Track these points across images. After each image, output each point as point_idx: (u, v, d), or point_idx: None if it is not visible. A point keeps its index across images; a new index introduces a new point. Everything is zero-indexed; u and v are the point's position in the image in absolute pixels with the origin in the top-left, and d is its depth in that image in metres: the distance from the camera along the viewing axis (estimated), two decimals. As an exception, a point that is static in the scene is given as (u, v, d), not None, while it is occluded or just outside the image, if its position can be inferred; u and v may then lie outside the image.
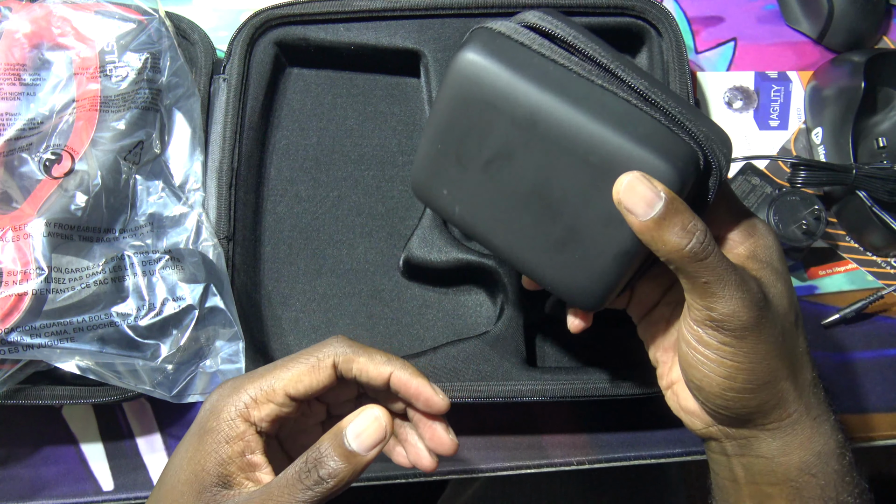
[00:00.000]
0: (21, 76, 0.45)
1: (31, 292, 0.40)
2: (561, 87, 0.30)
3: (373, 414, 0.31)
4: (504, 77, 0.30)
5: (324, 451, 0.30)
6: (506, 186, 0.32)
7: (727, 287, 0.30)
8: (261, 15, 0.50)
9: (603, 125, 0.29)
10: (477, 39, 0.31)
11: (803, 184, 0.50)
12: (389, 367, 0.33)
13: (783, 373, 0.32)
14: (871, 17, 0.56)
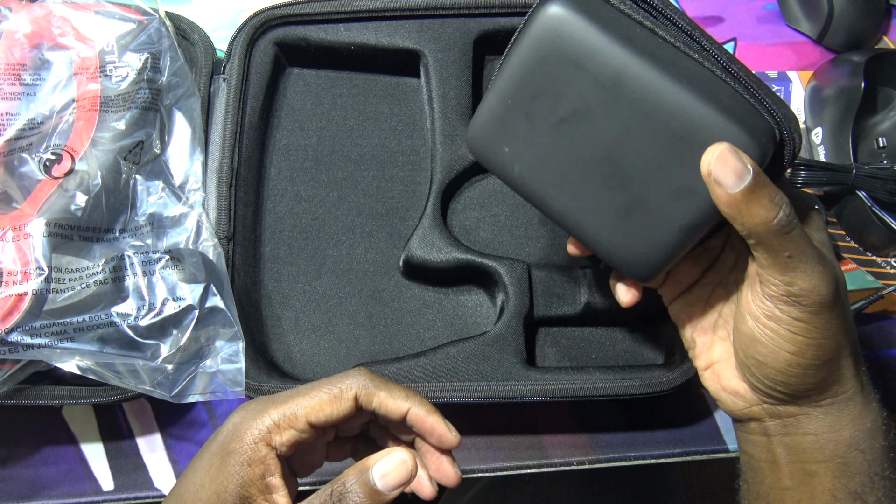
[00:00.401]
0: (21, 76, 0.45)
1: (31, 292, 0.40)
2: (648, 49, 0.29)
3: (400, 457, 0.32)
4: (592, 34, 0.29)
5: (349, 486, 0.31)
6: (576, 148, 0.32)
7: (809, 262, 0.30)
8: (261, 15, 0.50)
9: (689, 92, 0.29)
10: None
11: (803, 184, 0.50)
12: (408, 403, 0.35)
13: (847, 350, 0.33)
14: (871, 17, 0.56)
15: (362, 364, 0.46)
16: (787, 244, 0.30)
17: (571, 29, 0.29)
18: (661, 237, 0.32)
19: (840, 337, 0.32)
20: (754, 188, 0.29)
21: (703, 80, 0.29)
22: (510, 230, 0.51)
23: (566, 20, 0.29)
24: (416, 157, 0.52)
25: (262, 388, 0.44)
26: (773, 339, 0.32)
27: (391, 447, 0.33)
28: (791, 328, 0.32)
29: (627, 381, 0.45)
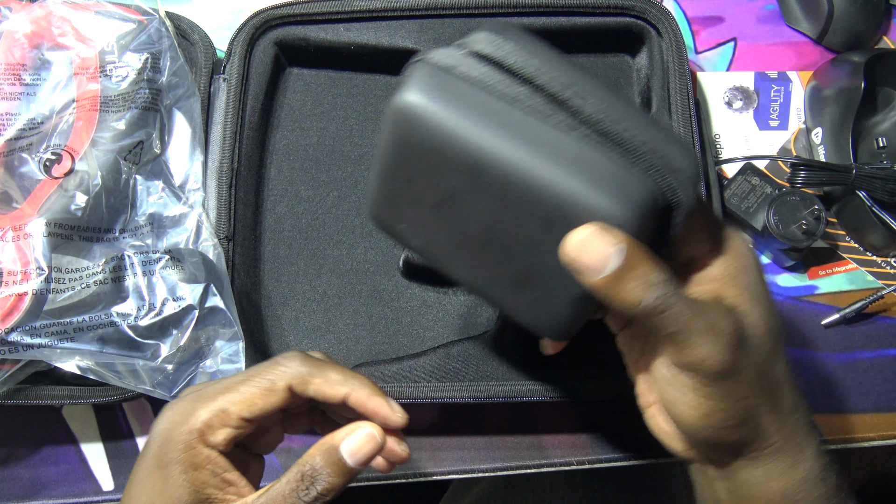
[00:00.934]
0: (21, 76, 0.45)
1: (31, 292, 0.40)
2: (506, 130, 0.27)
3: (367, 432, 0.32)
4: (444, 122, 0.27)
5: (319, 467, 0.31)
6: (460, 227, 0.30)
7: (695, 335, 0.28)
8: (261, 15, 0.50)
9: (551, 170, 0.26)
10: (417, 77, 0.28)
11: (803, 184, 0.50)
12: (346, 388, 0.33)
13: (762, 408, 0.31)
14: (871, 17, 0.56)
15: (362, 364, 0.46)
16: (665, 322, 0.27)
17: (422, 119, 0.27)
18: (558, 307, 0.30)
19: (750, 399, 0.30)
20: (621, 274, 0.26)
21: (568, 151, 0.27)
22: (510, 230, 0.51)
23: (417, 109, 0.27)
24: (416, 157, 0.52)
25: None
26: (680, 400, 0.30)
27: (353, 423, 0.32)
28: (695, 393, 0.30)
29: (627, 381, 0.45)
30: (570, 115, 0.27)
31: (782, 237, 0.49)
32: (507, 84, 0.28)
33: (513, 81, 0.28)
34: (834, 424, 0.50)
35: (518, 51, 0.28)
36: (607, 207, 0.26)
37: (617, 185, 0.26)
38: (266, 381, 0.32)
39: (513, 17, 0.51)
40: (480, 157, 0.27)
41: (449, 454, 0.49)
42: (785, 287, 0.53)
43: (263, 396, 0.32)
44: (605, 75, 0.54)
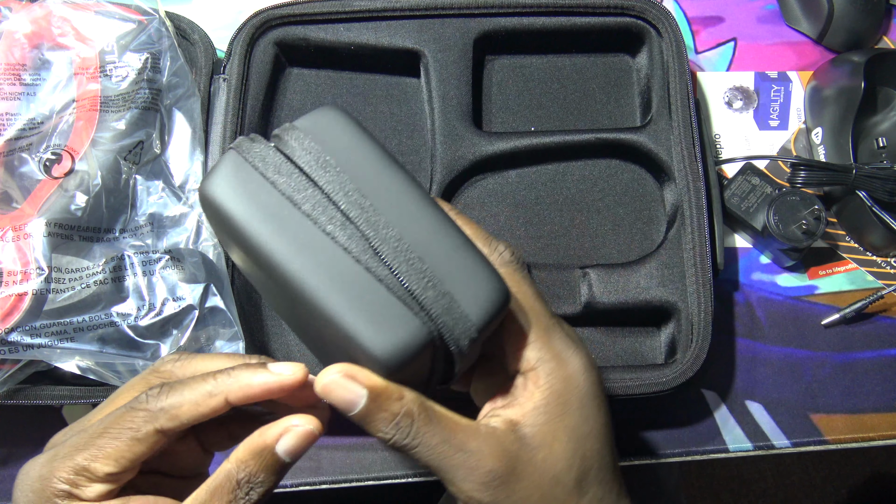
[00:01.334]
0: (21, 76, 0.45)
1: (31, 292, 0.40)
2: (293, 242, 0.26)
3: (304, 430, 0.28)
4: (238, 218, 0.27)
5: (254, 472, 0.28)
6: (274, 290, 0.31)
7: (452, 470, 0.28)
8: (261, 15, 0.50)
9: (322, 289, 0.26)
10: (223, 167, 0.27)
11: (803, 184, 0.50)
12: (218, 396, 0.28)
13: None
14: (871, 17, 0.56)
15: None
16: (419, 456, 0.28)
17: (221, 210, 0.27)
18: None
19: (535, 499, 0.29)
20: (367, 413, 0.27)
21: (348, 277, 0.26)
22: (510, 230, 0.51)
23: (216, 200, 0.27)
24: (416, 157, 0.52)
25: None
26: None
27: (284, 418, 0.28)
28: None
29: (627, 381, 0.45)
30: (361, 239, 0.27)
31: (782, 237, 0.49)
32: (305, 195, 0.27)
33: (312, 193, 0.27)
34: (834, 424, 0.50)
35: (322, 161, 0.28)
36: (370, 345, 0.26)
37: (385, 324, 0.26)
38: (126, 431, 0.28)
39: (513, 18, 0.51)
40: (267, 259, 0.27)
41: (449, 454, 0.49)
42: (785, 287, 0.53)
43: (129, 448, 0.28)
44: (605, 75, 0.54)
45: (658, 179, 0.52)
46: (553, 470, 0.29)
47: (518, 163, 0.52)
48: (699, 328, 0.46)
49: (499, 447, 0.28)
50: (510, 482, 0.28)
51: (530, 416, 0.29)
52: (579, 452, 0.30)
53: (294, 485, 0.48)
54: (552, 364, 0.30)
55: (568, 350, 0.30)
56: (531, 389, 0.30)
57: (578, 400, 0.30)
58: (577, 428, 0.30)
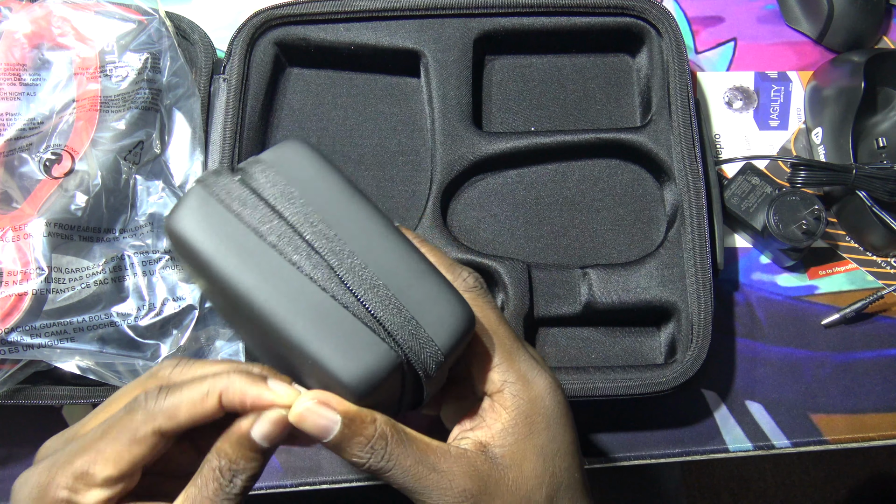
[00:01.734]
0: (21, 76, 0.45)
1: (31, 292, 0.40)
2: (258, 273, 0.27)
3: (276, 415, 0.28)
4: (204, 251, 0.27)
5: (234, 458, 0.28)
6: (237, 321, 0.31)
7: (424, 492, 0.29)
8: (261, 15, 0.50)
9: (289, 317, 0.27)
10: (189, 201, 0.28)
11: (803, 184, 0.50)
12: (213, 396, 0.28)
13: None
14: (871, 17, 0.56)
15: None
16: (393, 480, 0.29)
17: (187, 243, 0.27)
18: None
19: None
20: (342, 440, 0.28)
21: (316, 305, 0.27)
22: (510, 230, 0.51)
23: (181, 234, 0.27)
24: (416, 157, 0.52)
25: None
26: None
27: None
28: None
29: (627, 381, 0.45)
30: (326, 268, 0.27)
31: (782, 237, 0.49)
32: (270, 227, 0.27)
33: (277, 224, 0.27)
34: (834, 424, 0.50)
35: (287, 193, 0.28)
36: (338, 371, 0.26)
37: (353, 350, 0.27)
38: (125, 432, 0.28)
39: (513, 18, 0.51)
40: (233, 290, 0.27)
41: (449, 454, 0.49)
42: (785, 287, 0.53)
43: (128, 450, 0.28)
44: (605, 75, 0.54)
45: (658, 179, 0.52)
46: (524, 489, 0.30)
47: (518, 163, 0.52)
48: (699, 328, 0.46)
49: (470, 467, 0.29)
50: (483, 501, 0.29)
51: (499, 437, 0.30)
52: (549, 470, 0.30)
53: (294, 485, 0.48)
54: (517, 385, 0.31)
55: (532, 371, 0.31)
56: (498, 411, 0.31)
57: (545, 419, 0.31)
58: (545, 447, 0.30)
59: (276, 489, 0.48)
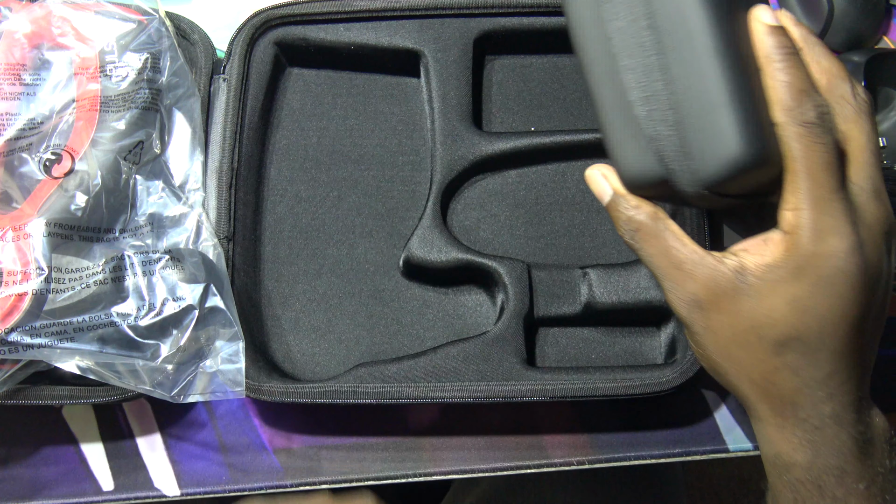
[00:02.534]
0: (21, 76, 0.45)
1: (31, 292, 0.40)
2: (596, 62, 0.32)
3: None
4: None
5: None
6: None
7: (661, 280, 0.33)
8: (261, 15, 0.50)
9: (604, 110, 0.32)
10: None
11: (803, 184, 0.50)
12: None
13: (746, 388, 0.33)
14: (871, 17, 0.56)
15: (362, 364, 0.46)
16: (641, 255, 0.33)
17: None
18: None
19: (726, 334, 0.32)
20: (609, 208, 0.34)
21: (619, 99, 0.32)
22: (510, 230, 0.51)
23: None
24: (416, 157, 0.52)
25: (261, 388, 0.44)
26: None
27: None
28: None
29: (627, 381, 0.45)
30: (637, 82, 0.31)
31: (782, 237, 0.49)
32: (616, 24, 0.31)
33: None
34: (834, 424, 0.50)
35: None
36: (618, 161, 0.33)
37: (629, 152, 0.32)
38: None
39: (513, 18, 0.51)
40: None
41: (449, 454, 0.49)
42: (785, 287, 0.53)
43: None
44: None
45: (658, 179, 0.52)
46: (754, 319, 0.31)
47: (518, 163, 0.52)
48: (699, 328, 0.46)
49: (711, 278, 0.31)
50: (708, 309, 0.32)
51: (761, 269, 0.31)
52: (791, 320, 0.30)
53: (294, 485, 0.48)
54: (808, 235, 0.30)
55: (834, 228, 0.30)
56: (778, 247, 0.31)
57: (818, 277, 0.30)
58: (802, 300, 0.30)
59: (276, 489, 0.48)
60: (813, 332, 0.31)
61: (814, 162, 0.29)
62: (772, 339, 0.31)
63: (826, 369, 0.31)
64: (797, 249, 0.30)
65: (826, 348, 0.31)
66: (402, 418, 0.49)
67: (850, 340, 0.31)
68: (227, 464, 0.49)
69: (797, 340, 0.31)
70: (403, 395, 0.44)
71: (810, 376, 0.31)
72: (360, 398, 0.44)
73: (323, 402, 0.45)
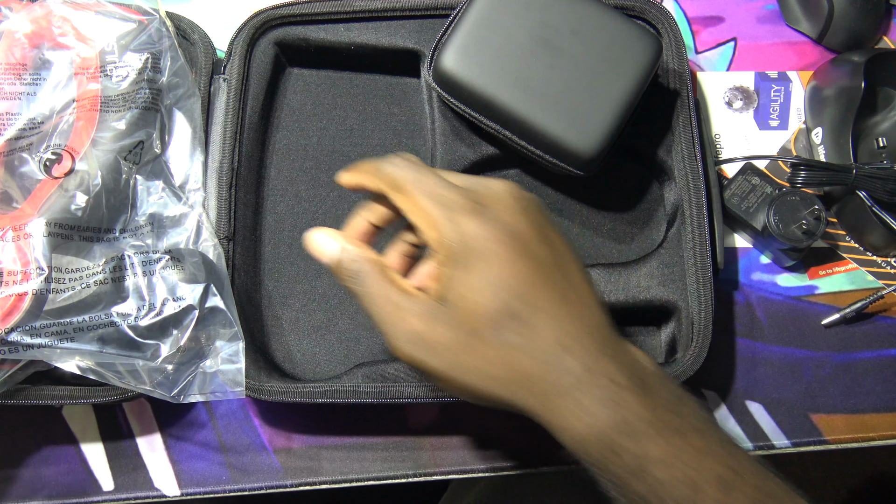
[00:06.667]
0: (22, 76, 0.45)
1: (31, 292, 0.40)
2: None
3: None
4: None
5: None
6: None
7: (382, 323, 0.33)
8: (261, 15, 0.50)
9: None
10: None
11: (803, 184, 0.50)
12: None
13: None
14: (871, 17, 0.56)
15: (362, 364, 0.46)
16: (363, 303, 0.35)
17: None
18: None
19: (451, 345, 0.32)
20: (334, 263, 0.35)
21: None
22: (510, 230, 0.51)
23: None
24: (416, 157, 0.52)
25: (262, 387, 0.44)
26: None
27: None
28: None
29: (627, 380, 0.45)
30: None
31: (782, 237, 0.49)
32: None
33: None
34: (834, 424, 0.50)
35: None
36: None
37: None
38: None
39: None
40: None
41: (449, 454, 0.49)
42: (785, 287, 0.53)
43: None
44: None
45: (658, 179, 0.52)
46: (467, 324, 0.32)
47: (518, 163, 0.52)
48: (699, 328, 0.46)
49: (420, 308, 0.32)
50: (427, 337, 0.32)
51: (439, 280, 0.33)
52: (487, 303, 0.31)
53: (294, 485, 0.48)
54: (448, 230, 0.32)
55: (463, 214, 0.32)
56: (436, 255, 0.33)
57: (476, 258, 0.32)
58: (480, 282, 0.32)
59: (276, 489, 0.48)
60: (511, 302, 0.32)
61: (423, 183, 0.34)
62: (485, 329, 0.31)
63: (547, 329, 0.32)
64: (448, 246, 0.32)
65: (529, 307, 0.32)
66: (402, 418, 0.49)
67: (546, 294, 0.32)
68: (227, 464, 0.49)
69: (503, 315, 0.32)
70: (403, 395, 0.44)
71: (541, 341, 0.31)
72: (360, 398, 0.44)
73: (323, 402, 0.45)
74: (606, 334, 0.33)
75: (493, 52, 0.45)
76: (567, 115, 0.45)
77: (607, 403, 0.30)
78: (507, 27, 0.45)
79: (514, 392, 0.32)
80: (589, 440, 0.30)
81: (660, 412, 0.30)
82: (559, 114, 0.45)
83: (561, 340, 0.31)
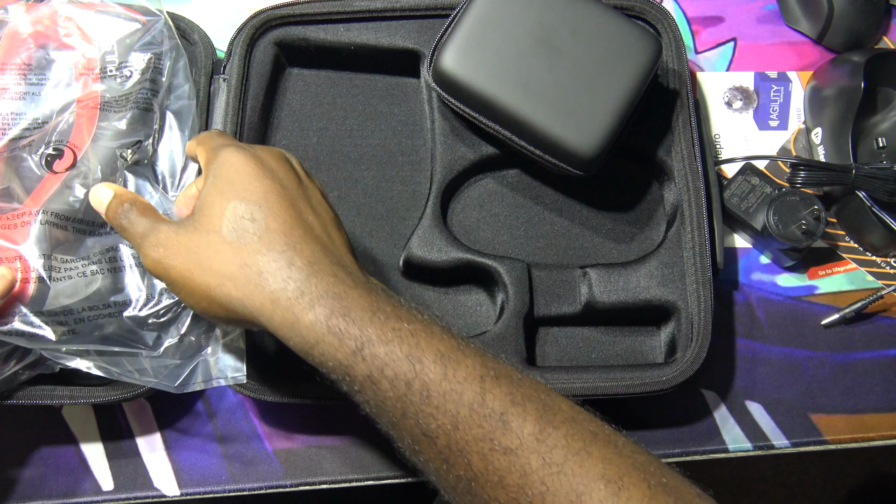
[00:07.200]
0: (27, 76, 0.45)
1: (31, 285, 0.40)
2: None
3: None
4: None
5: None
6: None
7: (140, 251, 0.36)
8: (261, 15, 0.50)
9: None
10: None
11: (803, 184, 0.50)
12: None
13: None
14: (871, 17, 0.56)
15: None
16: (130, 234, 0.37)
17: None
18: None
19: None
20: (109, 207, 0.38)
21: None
22: (510, 230, 0.51)
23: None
24: (416, 157, 0.52)
25: (261, 388, 0.44)
26: None
27: None
28: None
29: (627, 380, 0.45)
30: None
31: (782, 237, 0.49)
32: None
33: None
34: (834, 424, 0.50)
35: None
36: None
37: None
38: None
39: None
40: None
41: (449, 454, 0.49)
42: (785, 287, 0.53)
43: None
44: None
45: (658, 179, 0.52)
46: (204, 244, 0.34)
47: (518, 163, 0.52)
48: (699, 327, 0.46)
49: (163, 236, 0.35)
50: (167, 260, 0.35)
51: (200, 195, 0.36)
52: (226, 223, 0.34)
53: (294, 485, 0.48)
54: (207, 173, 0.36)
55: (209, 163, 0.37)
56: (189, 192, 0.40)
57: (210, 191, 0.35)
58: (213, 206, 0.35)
59: (276, 489, 0.48)
60: (251, 207, 0.34)
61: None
62: (225, 228, 0.34)
63: (281, 234, 0.34)
64: (208, 172, 0.36)
65: (269, 214, 0.34)
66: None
67: (286, 210, 0.35)
68: (227, 463, 0.49)
69: (243, 217, 0.34)
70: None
71: (274, 243, 0.34)
72: (359, 398, 0.44)
73: (323, 403, 0.45)
74: (341, 254, 0.35)
75: (493, 53, 0.45)
76: (567, 115, 0.45)
77: (330, 295, 0.32)
78: (507, 27, 0.45)
79: (247, 293, 0.33)
80: (315, 329, 0.32)
81: (381, 304, 0.33)
82: (559, 114, 0.45)
83: (293, 244, 0.34)
